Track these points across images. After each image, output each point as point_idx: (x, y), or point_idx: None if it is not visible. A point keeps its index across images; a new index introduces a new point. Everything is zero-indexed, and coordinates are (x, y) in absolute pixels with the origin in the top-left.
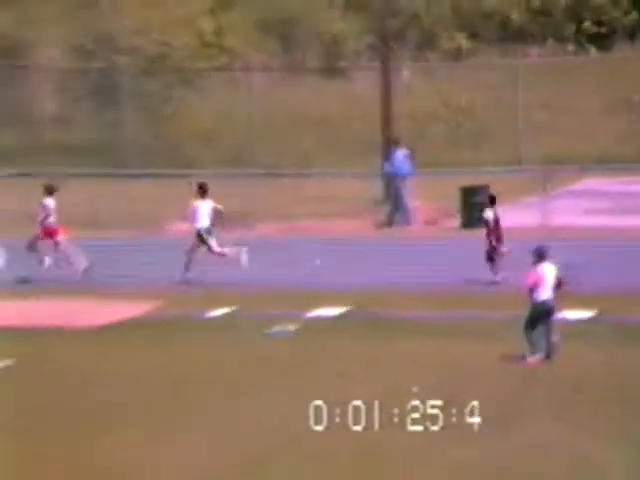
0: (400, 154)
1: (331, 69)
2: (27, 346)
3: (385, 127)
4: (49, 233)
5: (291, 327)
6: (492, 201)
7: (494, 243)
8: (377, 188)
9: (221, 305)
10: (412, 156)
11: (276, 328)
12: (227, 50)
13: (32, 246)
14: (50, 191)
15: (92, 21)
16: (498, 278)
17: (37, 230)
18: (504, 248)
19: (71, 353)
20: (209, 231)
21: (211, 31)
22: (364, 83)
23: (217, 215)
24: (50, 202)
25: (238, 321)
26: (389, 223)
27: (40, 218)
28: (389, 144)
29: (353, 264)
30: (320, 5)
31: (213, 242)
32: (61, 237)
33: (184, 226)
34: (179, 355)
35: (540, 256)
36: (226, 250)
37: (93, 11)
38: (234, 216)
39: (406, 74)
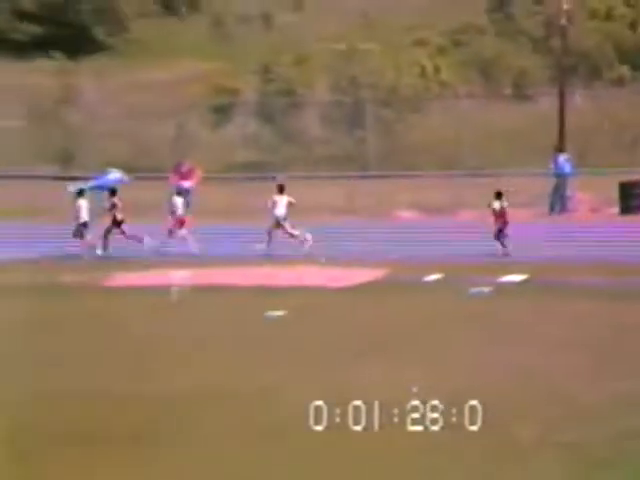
0: (562, 158)
1: (520, 95)
2: (297, 300)
3: (560, 138)
4: (180, 222)
5: (486, 289)
6: (499, 195)
7: (499, 226)
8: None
9: (433, 272)
10: (571, 160)
11: (475, 289)
12: (442, 83)
13: (170, 233)
14: (179, 192)
15: (346, 67)
16: (500, 252)
17: (173, 221)
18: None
19: (330, 305)
20: (284, 218)
21: (431, 70)
22: (545, 105)
23: (290, 206)
24: (178, 200)
25: (446, 284)
26: (550, 211)
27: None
28: (556, 151)
29: (532, 242)
30: (513, 47)
31: (287, 225)
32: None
33: (407, 214)
34: (406, 307)
35: None
36: (295, 232)
37: (347, 60)
38: (442, 206)
39: (578, 98)
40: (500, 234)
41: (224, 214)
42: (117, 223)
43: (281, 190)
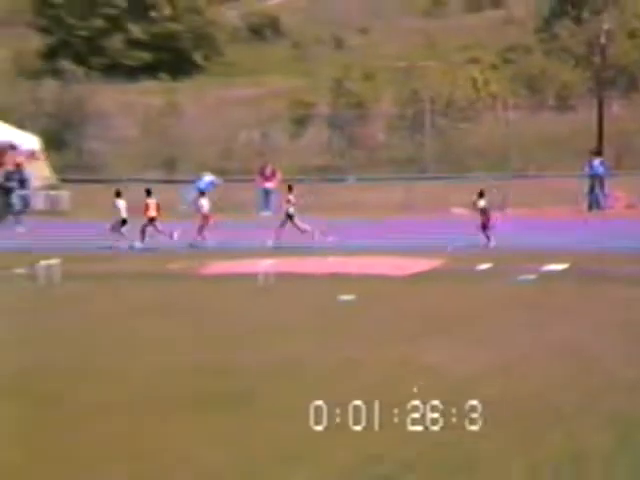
0: (596, 161)
1: (562, 106)
2: (363, 287)
3: (599, 143)
4: (206, 219)
5: (531, 276)
6: (481, 194)
7: (485, 221)
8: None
9: (485, 262)
10: (605, 162)
11: (522, 277)
12: (492, 95)
13: (200, 230)
14: (202, 193)
15: (407, 82)
16: (491, 244)
17: (201, 219)
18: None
19: (394, 290)
20: (292, 215)
21: (482, 84)
22: (585, 114)
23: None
24: (204, 201)
25: (496, 272)
26: (589, 208)
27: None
28: (591, 155)
29: (572, 235)
30: (556, 62)
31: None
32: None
33: (461, 210)
34: (460, 293)
35: None
36: (307, 227)
37: (408, 76)
38: (491, 204)
39: (616, 107)
40: (485, 228)
41: (301, 211)
42: (151, 219)
43: (290, 189)
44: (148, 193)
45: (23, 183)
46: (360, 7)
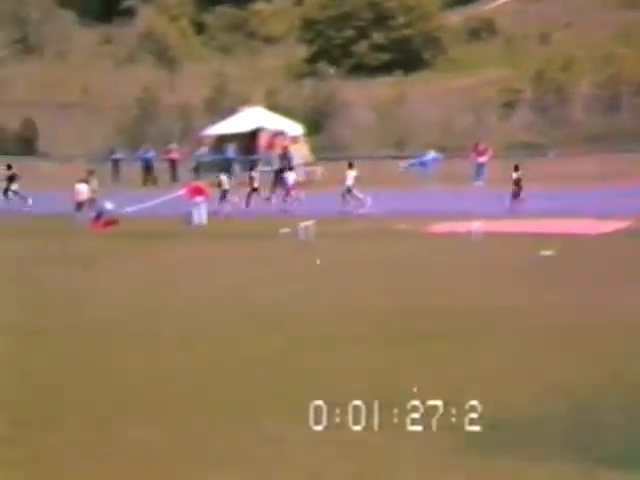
0: None
1: None
2: (561, 244)
3: None
4: (288, 191)
5: None
6: (516, 168)
7: (516, 191)
8: None
9: None
10: None
11: None
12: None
13: (284, 198)
14: (290, 168)
15: (603, 68)
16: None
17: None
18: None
19: (587, 247)
20: (352, 186)
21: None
22: None
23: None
24: (289, 176)
25: None
26: None
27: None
28: None
29: None
30: None
31: (356, 192)
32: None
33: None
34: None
35: None
36: (360, 196)
37: (605, 63)
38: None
39: None
40: (516, 196)
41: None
42: (254, 189)
43: (350, 166)
44: (251, 168)
45: (289, 161)
46: (565, 5)
